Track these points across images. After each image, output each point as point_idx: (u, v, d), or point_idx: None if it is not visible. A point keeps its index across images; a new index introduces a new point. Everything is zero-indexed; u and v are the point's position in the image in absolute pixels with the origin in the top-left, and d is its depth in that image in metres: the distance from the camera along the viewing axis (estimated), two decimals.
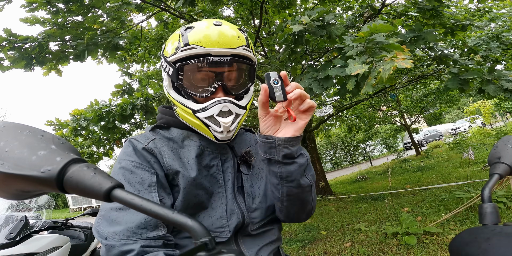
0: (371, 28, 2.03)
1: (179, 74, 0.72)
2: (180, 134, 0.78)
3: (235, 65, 0.73)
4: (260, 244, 0.77)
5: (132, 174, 0.68)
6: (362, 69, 1.88)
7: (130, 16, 4.71)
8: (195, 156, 0.73)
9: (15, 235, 2.03)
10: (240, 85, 0.77)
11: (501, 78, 2.68)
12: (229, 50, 0.70)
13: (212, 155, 0.77)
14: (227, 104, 0.71)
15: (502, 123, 17.91)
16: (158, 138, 0.75)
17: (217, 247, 0.32)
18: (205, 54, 0.70)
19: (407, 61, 1.76)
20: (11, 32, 3.02)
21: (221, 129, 0.72)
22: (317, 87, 2.52)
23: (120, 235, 0.60)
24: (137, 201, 0.35)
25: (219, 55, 0.70)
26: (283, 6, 4.51)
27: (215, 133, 0.73)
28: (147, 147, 0.71)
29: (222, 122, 0.71)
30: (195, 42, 0.69)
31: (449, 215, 3.35)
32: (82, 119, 4.43)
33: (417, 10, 3.12)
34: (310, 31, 2.48)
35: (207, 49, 0.69)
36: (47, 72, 3.72)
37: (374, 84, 1.88)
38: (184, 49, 0.70)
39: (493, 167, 0.61)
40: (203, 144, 0.77)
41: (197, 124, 0.73)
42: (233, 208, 0.75)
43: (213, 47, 0.69)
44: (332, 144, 19.53)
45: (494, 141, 8.80)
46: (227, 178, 0.77)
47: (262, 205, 0.80)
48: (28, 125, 0.38)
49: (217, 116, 0.71)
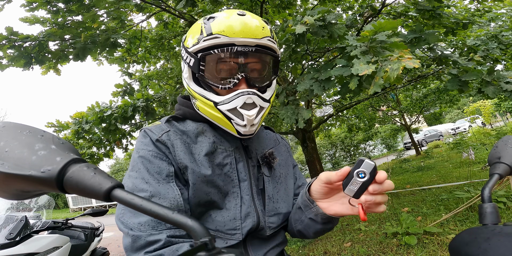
0: (375, 26, 2.01)
1: (201, 65, 0.69)
2: (195, 128, 0.74)
3: (259, 56, 0.70)
4: (268, 247, 0.75)
5: (150, 163, 0.66)
6: (369, 69, 1.85)
7: (130, 16, 4.71)
8: (205, 154, 0.70)
9: (15, 235, 2.03)
10: (264, 78, 0.73)
11: (500, 80, 2.68)
12: (254, 40, 0.67)
13: (225, 153, 0.73)
14: (252, 96, 0.68)
15: (502, 123, 17.91)
16: (172, 130, 0.73)
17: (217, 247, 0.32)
18: (229, 44, 0.66)
19: (414, 61, 1.73)
20: (12, 30, 3.02)
21: (244, 122, 0.68)
22: (318, 89, 2.51)
23: (145, 226, 0.59)
24: (137, 201, 0.35)
25: (243, 45, 0.66)
26: (283, 6, 4.51)
27: (237, 126, 0.69)
28: (161, 138, 0.69)
29: (246, 114, 0.67)
30: (218, 31, 0.66)
31: (449, 215, 3.35)
32: (84, 122, 4.43)
33: (417, 10, 3.12)
34: (312, 31, 2.48)
35: (231, 38, 0.65)
36: (45, 71, 3.72)
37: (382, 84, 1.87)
38: (207, 39, 0.67)
39: (493, 167, 0.61)
40: (216, 141, 0.74)
41: (219, 117, 0.69)
42: (250, 211, 0.71)
43: (237, 37, 0.66)
44: (332, 144, 19.53)
45: (494, 141, 8.80)
46: (242, 178, 0.73)
47: (282, 210, 0.77)
48: (28, 125, 0.38)
49: (240, 108, 0.67)
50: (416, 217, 3.74)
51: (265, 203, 0.75)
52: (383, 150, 21.73)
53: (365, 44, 2.12)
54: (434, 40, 2.57)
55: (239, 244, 0.71)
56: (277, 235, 0.78)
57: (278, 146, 0.86)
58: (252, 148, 0.79)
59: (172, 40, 5.64)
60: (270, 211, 0.75)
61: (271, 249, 0.76)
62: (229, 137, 0.77)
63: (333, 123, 10.30)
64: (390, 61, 1.84)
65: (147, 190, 0.63)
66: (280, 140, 0.90)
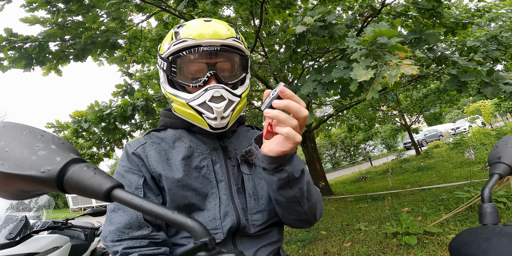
0: (376, 32, 2.02)
1: (173, 67, 0.74)
2: (173, 135, 0.80)
3: (226, 55, 0.75)
4: (258, 245, 0.76)
5: (123, 178, 0.72)
6: (368, 75, 1.85)
7: (130, 16, 4.71)
8: (181, 158, 0.74)
9: (15, 235, 2.03)
10: (234, 75, 0.77)
11: (499, 81, 2.68)
12: (219, 41, 0.72)
13: (201, 156, 0.77)
14: (219, 90, 0.71)
15: (502, 123, 17.91)
16: (149, 142, 0.77)
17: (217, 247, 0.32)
18: (196, 45, 0.71)
19: (413, 67, 1.73)
20: (11, 31, 3.02)
21: (214, 115, 0.71)
22: (322, 92, 2.51)
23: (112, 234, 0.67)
24: (137, 201, 0.35)
25: (209, 46, 0.71)
26: (283, 6, 4.50)
27: (208, 120, 0.72)
28: (136, 151, 0.75)
29: (215, 107, 0.71)
30: (186, 36, 0.72)
31: (449, 215, 3.35)
32: (83, 121, 4.43)
33: (417, 10, 3.12)
34: (312, 31, 2.48)
35: (197, 40, 0.71)
36: (47, 72, 3.72)
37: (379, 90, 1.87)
38: (177, 43, 0.72)
39: (493, 167, 0.61)
40: (192, 145, 0.78)
41: (191, 114, 0.73)
42: (228, 210, 0.73)
43: (203, 39, 0.71)
44: (332, 144, 19.53)
45: (494, 141, 8.80)
46: (219, 178, 0.76)
47: (266, 207, 0.77)
48: (28, 125, 0.38)
49: (209, 101, 0.71)
50: (416, 217, 3.74)
51: (246, 201, 0.76)
52: (383, 150, 21.73)
53: (365, 47, 2.12)
54: (434, 40, 2.57)
55: (228, 242, 0.73)
56: (268, 234, 0.79)
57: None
58: (231, 148, 0.81)
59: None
60: (253, 209, 0.76)
61: (262, 247, 0.76)
62: (206, 140, 0.80)
63: (333, 123, 10.31)
64: (389, 66, 1.84)
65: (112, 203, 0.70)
66: None
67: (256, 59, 6.65)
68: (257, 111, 7.73)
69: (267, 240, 0.78)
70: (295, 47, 2.89)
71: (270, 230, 0.80)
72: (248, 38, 5.83)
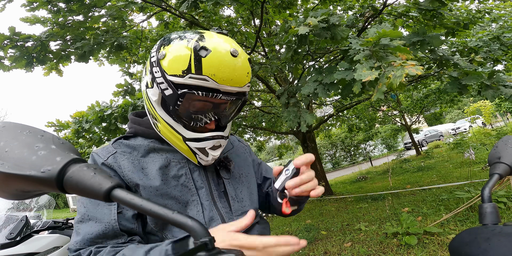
0: (379, 33, 2.01)
1: (179, 101, 0.67)
2: (146, 145, 0.76)
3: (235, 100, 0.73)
4: None
5: None
6: (372, 75, 1.85)
7: (131, 16, 4.71)
8: (158, 168, 0.72)
9: (15, 235, 2.04)
10: (231, 117, 0.79)
11: (500, 84, 2.67)
12: (237, 89, 0.68)
13: (179, 165, 0.76)
14: (220, 140, 0.74)
15: (503, 123, 17.89)
16: (119, 151, 0.74)
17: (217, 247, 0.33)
18: (215, 90, 0.66)
19: (417, 68, 1.73)
20: (14, 30, 3.02)
21: (208, 159, 0.74)
22: (323, 92, 2.51)
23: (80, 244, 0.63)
24: (137, 201, 0.35)
25: (227, 93, 0.68)
26: (284, 6, 4.50)
27: (200, 160, 0.74)
28: (106, 162, 0.71)
29: (212, 154, 0.74)
30: (209, 74, 0.63)
31: (450, 215, 3.35)
32: (84, 121, 4.43)
33: (418, 10, 3.11)
34: (315, 32, 2.48)
35: (219, 85, 0.65)
36: (48, 72, 3.73)
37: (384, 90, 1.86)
38: (195, 78, 0.64)
39: (493, 167, 0.61)
40: (169, 156, 0.76)
41: (185, 149, 0.73)
42: (212, 215, 0.74)
43: (225, 85, 0.65)
44: (333, 144, 19.52)
45: (494, 141, 8.79)
46: (199, 185, 0.76)
47: (248, 208, 0.81)
48: (28, 125, 0.38)
49: (208, 149, 0.73)
50: (416, 217, 3.74)
51: (230, 204, 0.78)
52: (384, 150, 21.71)
53: (368, 48, 2.12)
54: (438, 43, 2.57)
55: None
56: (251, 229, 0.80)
57: (232, 149, 0.91)
58: None
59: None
60: (237, 211, 0.78)
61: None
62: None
63: (334, 123, 10.31)
64: (393, 67, 1.83)
65: (84, 214, 0.67)
66: (235, 143, 0.95)
67: (256, 59, 6.65)
68: (257, 111, 7.73)
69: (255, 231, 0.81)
70: (297, 48, 2.88)
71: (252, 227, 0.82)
72: (248, 38, 5.84)
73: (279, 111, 6.75)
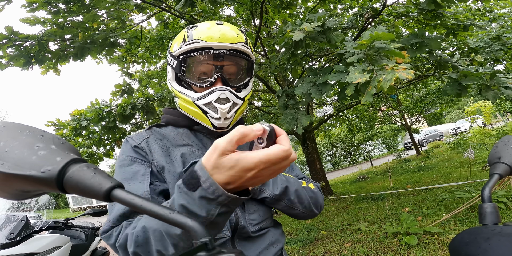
0: (372, 36, 2.02)
1: (182, 66, 0.77)
2: (175, 133, 0.82)
3: (234, 59, 0.78)
4: (259, 248, 0.76)
5: (128, 166, 0.74)
6: (363, 78, 1.87)
7: (130, 16, 4.71)
8: (181, 156, 0.77)
9: (15, 235, 2.04)
10: (239, 79, 0.82)
11: (500, 85, 2.67)
12: (228, 45, 0.75)
13: (199, 152, 0.79)
14: (225, 92, 0.75)
15: (503, 123, 17.89)
16: (152, 137, 0.80)
17: (217, 247, 0.33)
18: (207, 47, 0.75)
19: (408, 71, 1.74)
20: (12, 29, 3.02)
21: (218, 115, 0.75)
22: (316, 93, 2.53)
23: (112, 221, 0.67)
24: (137, 201, 0.35)
25: (219, 49, 0.75)
26: (284, 6, 4.51)
27: (212, 120, 0.76)
28: (140, 145, 0.77)
29: (220, 108, 0.75)
30: (198, 37, 0.75)
31: (450, 215, 3.35)
32: (83, 118, 4.43)
33: (418, 10, 3.11)
34: (310, 36, 2.49)
35: (208, 43, 0.74)
36: (45, 71, 3.73)
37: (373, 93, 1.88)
38: (189, 43, 0.76)
39: (493, 167, 0.61)
40: (193, 145, 0.80)
41: (196, 112, 0.77)
42: None
43: (214, 42, 0.74)
44: (333, 144, 19.53)
45: (494, 141, 8.80)
46: None
47: (260, 207, 0.80)
48: (28, 125, 0.38)
49: (215, 102, 0.75)
50: (416, 217, 3.74)
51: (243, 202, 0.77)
52: (384, 150, 21.72)
53: (362, 51, 2.12)
54: (436, 46, 2.57)
55: (227, 246, 0.73)
56: (265, 234, 0.79)
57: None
58: None
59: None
60: (250, 209, 0.78)
61: (264, 249, 0.77)
62: (206, 140, 0.84)
63: (334, 123, 10.30)
64: (384, 70, 1.84)
65: None
66: None
67: (256, 59, 6.65)
68: (257, 111, 7.74)
69: (266, 241, 0.78)
70: (294, 50, 2.89)
71: (267, 231, 0.80)
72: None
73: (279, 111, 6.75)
